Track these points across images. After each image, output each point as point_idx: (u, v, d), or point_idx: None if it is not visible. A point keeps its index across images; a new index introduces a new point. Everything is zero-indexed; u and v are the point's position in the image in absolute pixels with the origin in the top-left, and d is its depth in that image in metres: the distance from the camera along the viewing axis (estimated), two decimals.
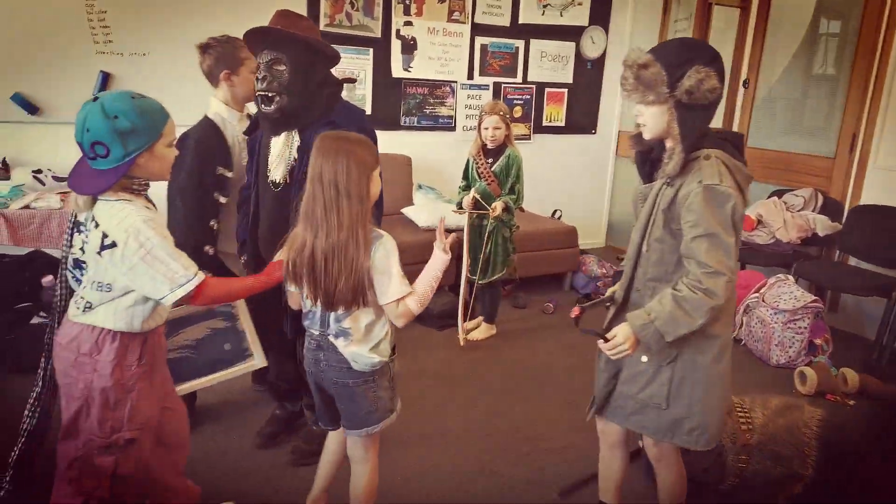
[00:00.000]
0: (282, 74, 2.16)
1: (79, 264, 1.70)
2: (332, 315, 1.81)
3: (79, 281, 1.71)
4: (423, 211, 4.41)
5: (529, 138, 5.36)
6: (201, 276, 1.67)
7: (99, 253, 1.61)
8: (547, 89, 5.35)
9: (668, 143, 1.78)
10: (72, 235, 1.75)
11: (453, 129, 5.06)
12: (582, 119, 5.54)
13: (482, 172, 3.62)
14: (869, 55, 3.97)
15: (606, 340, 1.81)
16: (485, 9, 4.89)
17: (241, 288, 1.99)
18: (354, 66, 4.54)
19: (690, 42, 1.75)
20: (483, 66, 5.04)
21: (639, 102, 1.75)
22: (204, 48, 2.49)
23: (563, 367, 3.49)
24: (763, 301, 3.71)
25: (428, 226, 4.23)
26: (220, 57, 2.47)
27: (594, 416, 2.07)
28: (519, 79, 5.21)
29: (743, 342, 3.81)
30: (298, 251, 1.75)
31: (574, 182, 5.66)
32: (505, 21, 5.02)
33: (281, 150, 2.26)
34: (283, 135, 2.25)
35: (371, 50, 4.61)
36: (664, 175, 1.80)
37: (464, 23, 4.87)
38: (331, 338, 1.83)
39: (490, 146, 3.60)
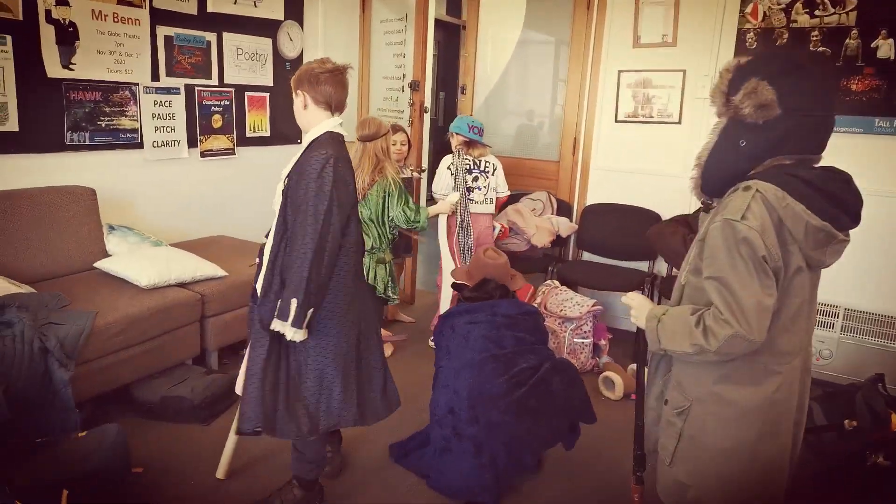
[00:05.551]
0: None
1: (470, 189, 3.75)
2: None
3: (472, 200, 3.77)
4: (134, 262, 3.20)
5: (233, 153, 4.43)
6: None
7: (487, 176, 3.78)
8: (247, 93, 4.47)
9: None
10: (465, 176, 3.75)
11: (140, 145, 3.83)
12: (286, 127, 4.80)
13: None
14: (581, 63, 4.26)
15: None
16: None
17: None
18: None
19: (774, 52, 1.47)
20: (171, 64, 3.92)
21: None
22: None
23: None
24: (546, 310, 3.69)
25: (156, 283, 3.08)
26: None
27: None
28: (215, 80, 4.23)
29: None
30: None
31: None
32: (192, 8, 3.98)
33: None
34: None
35: (8, 38, 3.14)
36: (698, 199, 1.61)
37: (140, 6, 3.69)
38: None
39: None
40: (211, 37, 4.13)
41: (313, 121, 2.15)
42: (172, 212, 4.07)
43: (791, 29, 3.58)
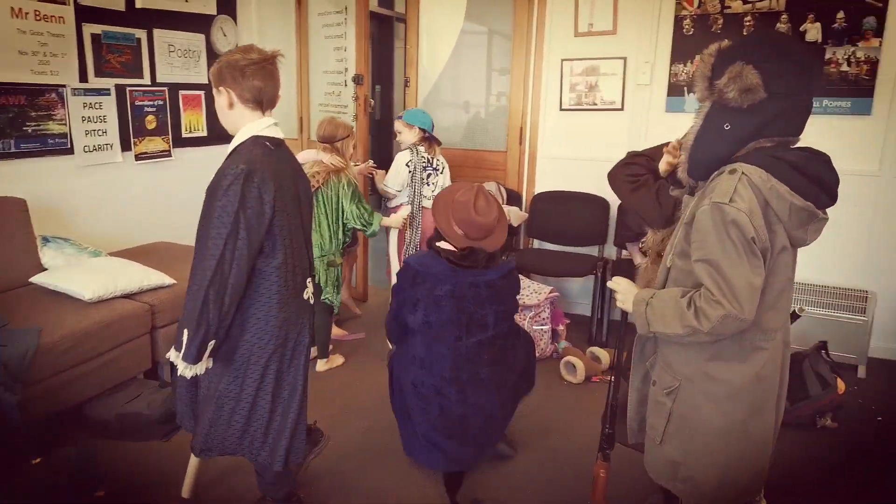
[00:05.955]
0: None
1: (426, 183, 3.62)
2: None
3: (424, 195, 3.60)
4: (74, 275, 3.02)
5: (170, 154, 4.24)
6: None
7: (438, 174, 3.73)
8: (181, 92, 4.28)
9: None
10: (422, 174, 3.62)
11: (70, 151, 3.61)
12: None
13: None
14: (524, 53, 4.28)
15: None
16: None
17: None
18: None
19: (759, 36, 1.49)
20: (99, 64, 3.71)
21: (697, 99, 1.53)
22: None
23: None
24: None
25: (101, 296, 2.92)
26: None
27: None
28: (147, 79, 4.03)
29: None
30: None
31: None
32: (119, 4, 3.77)
33: None
34: None
35: None
36: (684, 183, 1.62)
37: (64, 3, 3.47)
38: None
39: None
40: (141, 34, 3.93)
41: (240, 122, 1.87)
42: (109, 219, 3.87)
43: (725, 14, 3.71)
